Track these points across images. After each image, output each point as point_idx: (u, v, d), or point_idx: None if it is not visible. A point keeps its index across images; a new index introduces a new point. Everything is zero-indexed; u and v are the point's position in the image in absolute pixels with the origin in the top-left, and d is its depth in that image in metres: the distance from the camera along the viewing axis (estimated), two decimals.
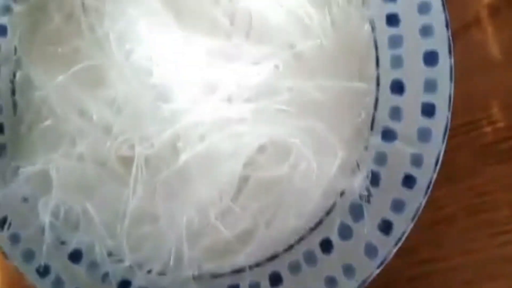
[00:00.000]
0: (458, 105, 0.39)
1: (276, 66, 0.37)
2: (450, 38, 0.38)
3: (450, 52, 0.38)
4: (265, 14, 0.39)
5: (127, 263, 0.40)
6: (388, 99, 0.40)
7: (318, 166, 0.38)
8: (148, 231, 0.40)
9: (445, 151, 0.39)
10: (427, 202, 0.39)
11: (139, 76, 0.38)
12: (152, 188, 0.39)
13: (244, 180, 0.40)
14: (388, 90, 0.40)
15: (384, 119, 0.40)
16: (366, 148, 0.40)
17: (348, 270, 0.38)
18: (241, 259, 0.40)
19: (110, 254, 0.41)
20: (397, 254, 0.38)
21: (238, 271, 0.40)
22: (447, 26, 0.38)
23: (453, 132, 0.42)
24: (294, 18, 0.38)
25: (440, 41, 0.38)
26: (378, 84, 0.40)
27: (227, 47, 0.38)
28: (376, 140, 0.40)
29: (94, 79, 0.39)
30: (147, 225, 0.40)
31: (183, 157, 0.37)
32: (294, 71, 0.38)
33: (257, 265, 0.40)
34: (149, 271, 0.40)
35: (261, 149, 0.39)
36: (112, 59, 0.38)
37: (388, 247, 0.38)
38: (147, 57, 0.38)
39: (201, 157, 0.38)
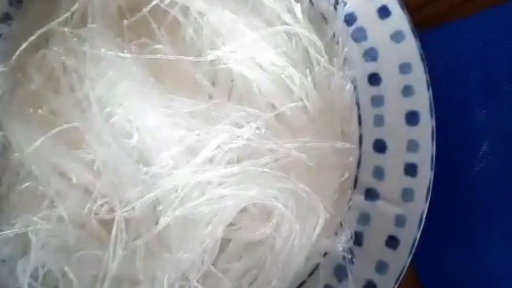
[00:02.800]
0: None
1: (258, 128, 0.37)
2: (431, 98, 0.38)
3: (431, 112, 0.38)
4: (247, 76, 0.38)
5: None
6: (371, 158, 0.40)
7: (300, 227, 0.38)
8: None
9: None
10: None
11: (119, 139, 0.37)
12: (132, 251, 0.38)
13: (226, 241, 0.39)
14: (370, 149, 0.39)
15: (367, 179, 0.39)
16: (349, 207, 0.40)
17: None
18: None
19: None
20: None
21: None
22: (428, 87, 0.38)
23: None
24: (275, 79, 0.38)
25: (421, 101, 0.38)
26: (360, 143, 0.40)
27: (209, 109, 0.37)
28: (359, 199, 0.40)
29: (73, 141, 0.39)
30: None
31: (163, 221, 0.36)
32: (276, 132, 0.38)
33: None
34: None
35: (243, 210, 0.39)
36: (92, 122, 0.37)
37: None
38: (127, 120, 0.37)
39: (182, 221, 0.37)
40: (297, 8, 0.38)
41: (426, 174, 0.38)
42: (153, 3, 0.38)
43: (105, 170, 0.38)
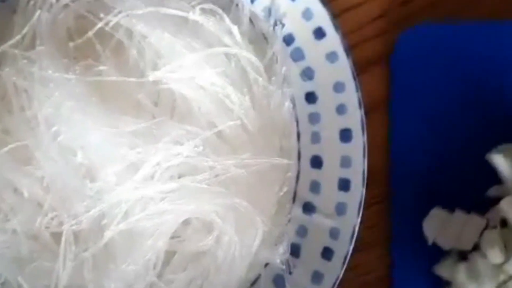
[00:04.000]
0: (377, 175, 0.41)
1: (196, 146, 0.38)
2: (363, 117, 0.40)
3: (363, 130, 0.40)
4: (188, 96, 0.40)
5: None
6: (308, 173, 0.41)
7: (240, 240, 0.40)
8: None
9: (367, 219, 0.40)
10: (352, 268, 0.40)
11: (66, 156, 0.39)
12: (81, 263, 0.40)
13: (171, 253, 0.41)
14: (308, 165, 0.41)
15: (304, 193, 0.41)
16: (289, 220, 0.41)
17: None
18: None
19: None
20: None
21: None
22: (360, 106, 0.40)
23: (373, 200, 0.43)
24: (215, 99, 0.40)
25: (354, 119, 0.40)
26: (299, 158, 0.42)
27: (151, 128, 0.39)
28: (298, 213, 0.41)
29: (24, 158, 0.41)
30: None
31: (108, 234, 0.38)
32: (217, 150, 0.40)
33: None
34: None
35: (187, 222, 0.41)
36: (40, 140, 0.39)
37: None
38: (73, 138, 0.39)
39: (126, 234, 0.39)
40: (235, 30, 0.40)
41: (358, 189, 0.40)
42: (98, 26, 0.39)
43: (54, 185, 0.40)
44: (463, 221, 0.42)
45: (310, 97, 0.42)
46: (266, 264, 0.42)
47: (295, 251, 0.41)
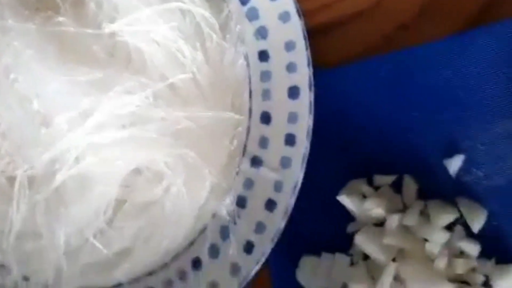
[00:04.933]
0: None
1: (147, 97, 0.40)
2: (311, 74, 0.41)
3: (310, 87, 0.41)
4: (142, 49, 0.41)
5: (15, 276, 0.42)
6: (258, 129, 0.43)
7: (188, 191, 0.41)
8: (32, 247, 0.42)
9: None
10: None
11: (23, 104, 0.41)
12: (34, 207, 0.42)
13: (122, 201, 0.43)
14: (258, 121, 0.43)
15: (253, 147, 0.43)
16: (237, 173, 0.43)
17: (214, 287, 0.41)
18: (119, 275, 0.43)
19: (2, 266, 0.43)
20: None
21: (117, 286, 0.43)
22: (308, 64, 0.41)
23: None
24: (169, 53, 0.41)
25: (302, 77, 0.41)
26: (250, 115, 0.43)
27: (105, 78, 0.40)
28: (246, 166, 0.43)
29: None
30: (31, 242, 0.43)
31: (59, 177, 0.40)
32: (169, 102, 0.41)
33: (135, 280, 0.43)
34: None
35: (138, 172, 0.42)
36: None
37: (249, 265, 0.41)
38: (30, 86, 0.41)
39: (77, 179, 0.41)
40: None
41: (302, 143, 0.41)
42: None
43: (10, 132, 0.42)
44: (330, 263, 0.43)
45: (263, 56, 0.43)
46: (214, 215, 0.43)
47: (241, 202, 0.42)
